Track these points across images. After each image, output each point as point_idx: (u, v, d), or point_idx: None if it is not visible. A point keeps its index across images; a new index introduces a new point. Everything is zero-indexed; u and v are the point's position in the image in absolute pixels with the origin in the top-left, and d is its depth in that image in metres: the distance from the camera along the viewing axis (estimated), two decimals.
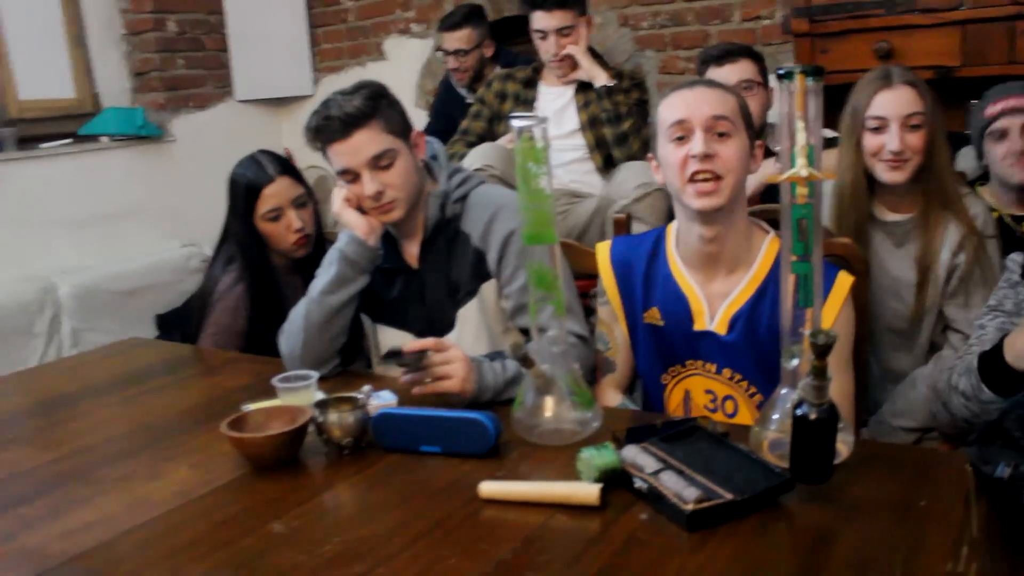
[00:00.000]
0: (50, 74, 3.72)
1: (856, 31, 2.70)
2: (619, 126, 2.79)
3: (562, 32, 2.79)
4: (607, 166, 2.86)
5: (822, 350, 1.05)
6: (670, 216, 1.71)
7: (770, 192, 2.40)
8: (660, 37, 3.43)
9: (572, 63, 2.84)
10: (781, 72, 1.20)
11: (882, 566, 1.00)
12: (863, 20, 2.68)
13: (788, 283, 1.23)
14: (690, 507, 1.08)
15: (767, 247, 1.58)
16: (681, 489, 1.12)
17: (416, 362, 1.50)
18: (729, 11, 3.26)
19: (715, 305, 1.59)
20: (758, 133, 2.48)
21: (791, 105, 1.19)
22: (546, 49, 2.83)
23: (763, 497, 1.12)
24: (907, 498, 1.15)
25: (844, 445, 1.22)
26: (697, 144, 1.50)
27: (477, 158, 2.66)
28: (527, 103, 2.92)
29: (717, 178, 1.50)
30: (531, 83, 2.96)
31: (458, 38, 3.36)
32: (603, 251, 1.74)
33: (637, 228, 2.44)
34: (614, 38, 3.49)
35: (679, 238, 1.63)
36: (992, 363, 1.49)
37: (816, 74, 1.19)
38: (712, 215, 1.52)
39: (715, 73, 2.44)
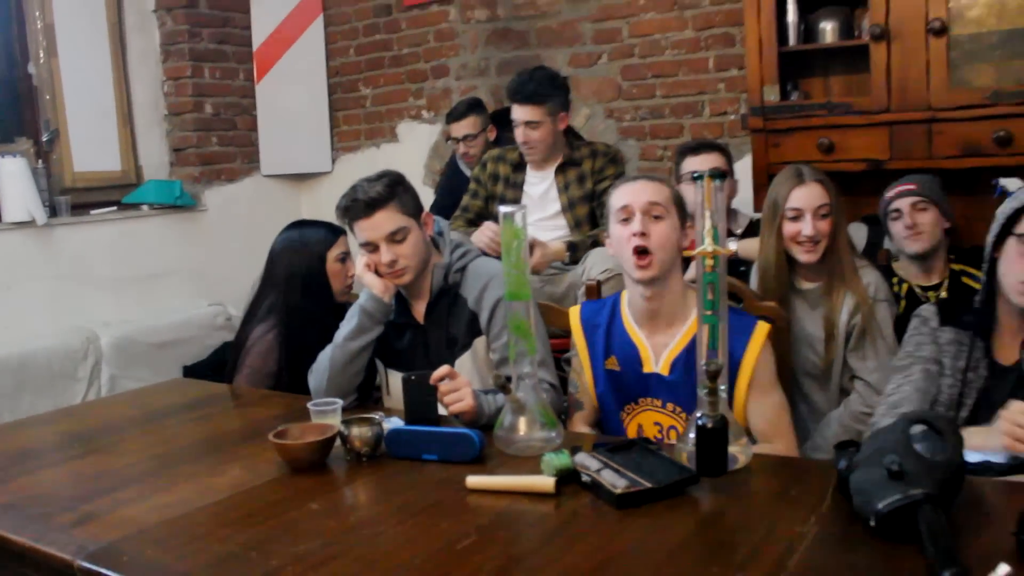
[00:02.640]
0: (101, 149, 4.14)
1: (802, 128, 3.15)
2: (594, 202, 3.09)
3: (529, 124, 3.06)
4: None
5: (713, 375, 1.46)
6: None
7: (732, 265, 2.81)
8: (641, 128, 3.86)
9: (539, 151, 3.12)
10: (695, 175, 1.62)
11: (752, 529, 1.38)
12: (808, 119, 3.14)
13: (703, 332, 1.64)
14: (619, 491, 1.47)
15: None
16: (614, 480, 1.51)
17: (428, 384, 1.87)
18: (700, 107, 3.71)
19: (659, 352, 1.99)
20: (726, 215, 2.90)
21: (702, 199, 1.61)
22: (517, 136, 3.13)
23: (674, 486, 1.50)
24: (784, 490, 1.54)
25: (742, 455, 1.61)
26: (636, 224, 1.92)
27: (599, 262, 2.84)
28: (516, 186, 3.22)
29: (650, 254, 1.91)
30: (520, 167, 3.24)
31: (464, 125, 3.74)
32: (574, 313, 2.15)
33: None
34: (601, 128, 3.93)
35: (629, 300, 2.05)
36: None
37: (720, 177, 1.61)
38: (649, 282, 1.94)
39: (691, 162, 2.85)
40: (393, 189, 2.12)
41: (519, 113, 3.09)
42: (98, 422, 2.21)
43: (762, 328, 1.95)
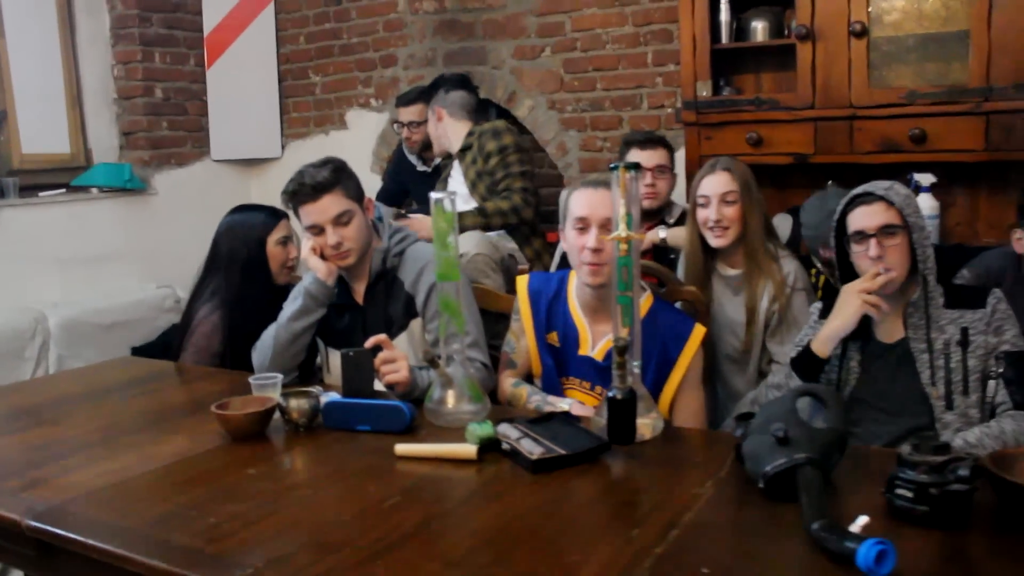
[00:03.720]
0: (50, 131, 4.16)
1: (732, 123, 3.30)
2: (507, 184, 3.25)
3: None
4: None
5: (621, 349, 1.59)
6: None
7: (659, 253, 2.96)
8: (581, 120, 3.98)
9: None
10: (612, 166, 1.75)
11: (654, 491, 1.52)
12: (738, 114, 3.28)
13: (617, 310, 1.76)
14: (534, 457, 1.60)
15: (642, 301, 2.11)
16: (531, 448, 1.63)
17: (370, 355, 1.98)
18: (639, 100, 3.84)
19: (597, 338, 2.11)
20: (662, 208, 3.05)
21: (617, 189, 1.74)
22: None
23: (586, 453, 1.63)
24: (689, 457, 1.69)
25: (648, 428, 1.74)
26: (591, 240, 2.03)
27: (463, 243, 3.02)
28: (445, 180, 3.46)
29: (602, 264, 2.03)
30: (449, 159, 3.50)
31: (411, 112, 3.82)
32: (522, 281, 2.25)
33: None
34: (542, 119, 4.05)
35: (577, 289, 2.16)
36: (803, 358, 2.04)
37: (635, 168, 1.74)
38: (600, 286, 2.06)
39: (636, 154, 2.98)
40: (338, 174, 2.23)
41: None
42: (46, 397, 2.29)
43: (699, 331, 2.09)
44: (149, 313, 4.10)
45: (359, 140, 4.56)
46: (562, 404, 2.00)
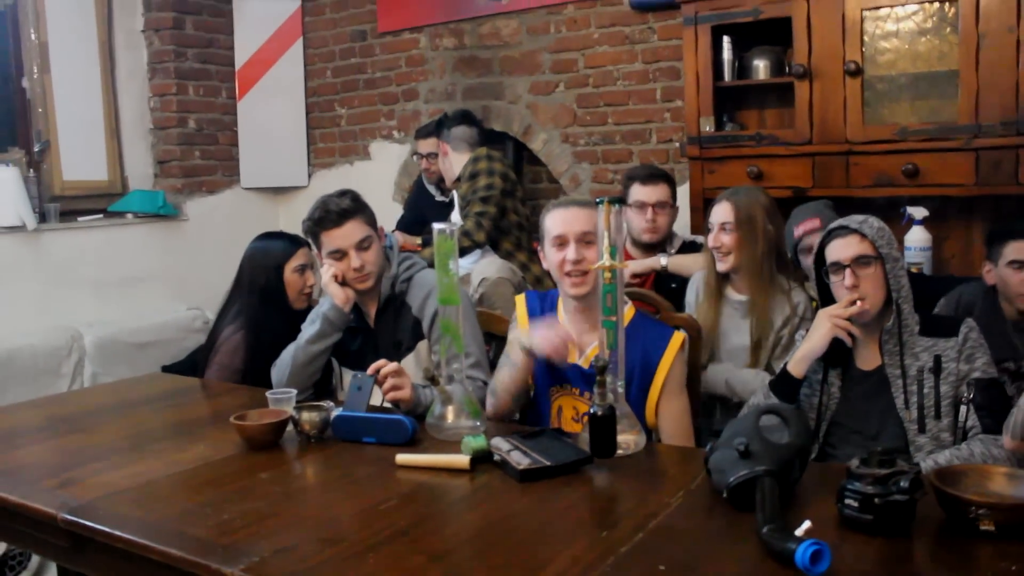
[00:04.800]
0: (89, 159, 4.39)
1: (734, 157, 3.43)
2: (468, 209, 3.54)
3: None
4: (492, 243, 3.60)
5: (601, 369, 1.74)
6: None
7: (660, 280, 3.10)
8: (593, 153, 4.14)
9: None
10: (598, 201, 1.90)
11: (628, 499, 1.66)
12: (739, 149, 3.42)
13: (602, 333, 1.91)
14: (521, 467, 1.74)
15: (625, 311, 2.25)
16: (519, 459, 1.78)
17: (371, 380, 2.14)
18: (648, 135, 3.99)
19: (584, 348, 2.25)
20: (666, 240, 3.20)
21: (602, 220, 1.89)
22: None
23: (570, 465, 1.77)
24: (664, 470, 1.82)
25: (633, 443, 1.88)
26: (571, 253, 2.18)
27: (478, 274, 3.37)
28: (449, 205, 3.73)
29: (585, 273, 2.18)
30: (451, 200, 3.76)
31: (429, 144, 4.05)
32: (520, 299, 2.39)
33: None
34: (556, 152, 4.21)
35: (564, 303, 2.31)
36: (780, 379, 2.17)
37: (619, 202, 1.89)
38: (582, 297, 2.21)
39: (639, 189, 3.14)
40: (359, 203, 2.41)
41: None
42: (80, 408, 2.47)
43: (677, 337, 2.22)
44: (179, 333, 4.29)
45: (382, 170, 4.75)
46: (521, 343, 2.14)
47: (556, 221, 2.22)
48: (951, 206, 3.29)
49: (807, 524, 1.41)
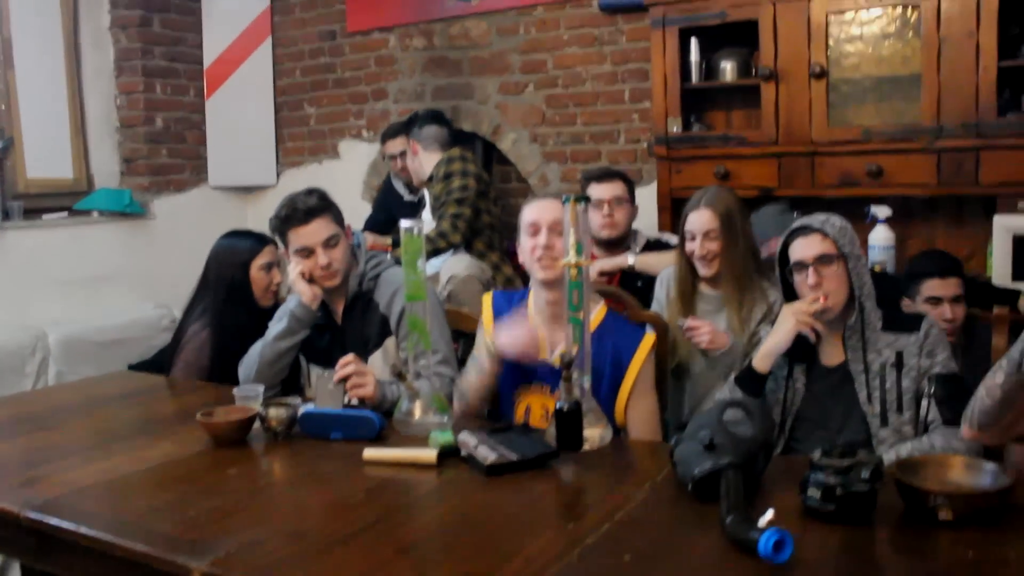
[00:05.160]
0: (54, 157, 4.34)
1: (701, 157, 3.47)
2: (443, 210, 3.55)
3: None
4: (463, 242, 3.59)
5: (567, 364, 1.75)
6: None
7: (627, 278, 3.12)
8: (562, 152, 4.16)
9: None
10: (564, 199, 1.91)
11: (594, 492, 1.67)
12: (706, 149, 3.46)
13: (569, 329, 1.92)
14: (488, 462, 1.75)
15: (597, 311, 2.26)
16: (486, 453, 1.78)
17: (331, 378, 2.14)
18: (616, 135, 4.02)
19: (555, 346, 2.25)
20: (624, 238, 3.22)
21: (568, 218, 1.90)
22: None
23: (537, 459, 1.78)
24: (632, 464, 1.84)
25: (598, 437, 1.89)
26: (543, 238, 2.20)
27: (447, 270, 3.36)
28: (418, 204, 3.76)
29: (554, 259, 2.20)
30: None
31: (396, 144, 4.03)
32: (487, 299, 2.40)
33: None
34: (525, 152, 4.23)
35: (535, 300, 2.32)
36: (745, 375, 2.20)
37: (584, 200, 1.91)
38: (552, 284, 2.22)
39: (595, 188, 3.15)
40: (326, 201, 2.41)
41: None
42: (45, 406, 2.44)
43: (648, 339, 2.24)
44: (145, 332, 4.25)
45: (351, 169, 4.74)
46: (487, 347, 2.16)
47: (531, 211, 2.24)
48: (914, 206, 3.35)
49: (770, 514, 1.43)
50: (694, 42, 3.49)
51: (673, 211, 3.48)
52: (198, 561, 1.37)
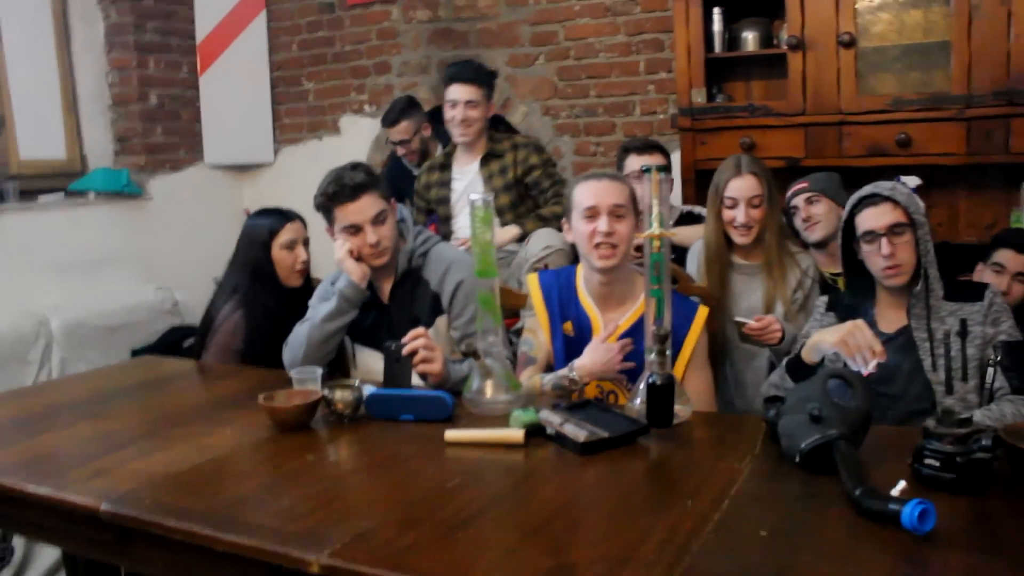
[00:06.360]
0: (46, 137, 4.16)
1: (726, 128, 3.43)
2: (515, 192, 3.37)
3: (469, 104, 3.33)
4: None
5: (662, 339, 1.70)
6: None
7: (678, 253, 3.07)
8: (575, 125, 4.09)
9: (475, 130, 3.38)
10: (644, 168, 1.86)
11: (697, 468, 1.63)
12: (731, 120, 3.42)
13: (650, 303, 1.87)
14: (582, 440, 1.70)
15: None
16: (576, 432, 1.73)
17: (400, 350, 2.07)
18: (631, 107, 3.96)
19: (609, 325, 2.22)
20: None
21: (650, 189, 1.85)
22: (453, 116, 3.36)
23: (628, 436, 1.74)
24: (720, 438, 1.80)
25: (684, 411, 1.85)
26: (603, 224, 2.14)
27: (539, 240, 3.13)
28: (444, 184, 3.49)
29: (614, 247, 2.15)
30: (445, 166, 3.51)
31: (399, 131, 3.85)
32: (534, 279, 2.35)
33: None
34: (537, 125, 4.15)
35: (585, 279, 2.27)
36: (794, 362, 2.16)
37: (666, 170, 1.85)
38: (610, 270, 2.17)
39: (634, 160, 3.09)
40: (372, 176, 2.32)
41: (461, 92, 3.34)
42: (81, 395, 2.33)
43: (703, 312, 2.21)
44: (148, 316, 4.12)
45: (353, 145, 4.61)
46: (566, 371, 2.10)
47: (587, 193, 2.18)
48: (937, 175, 3.33)
49: (902, 484, 1.40)
50: (716, 12, 3.44)
51: (697, 183, 3.43)
52: (315, 554, 1.30)
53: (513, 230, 3.25)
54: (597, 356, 2.08)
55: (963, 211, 3.41)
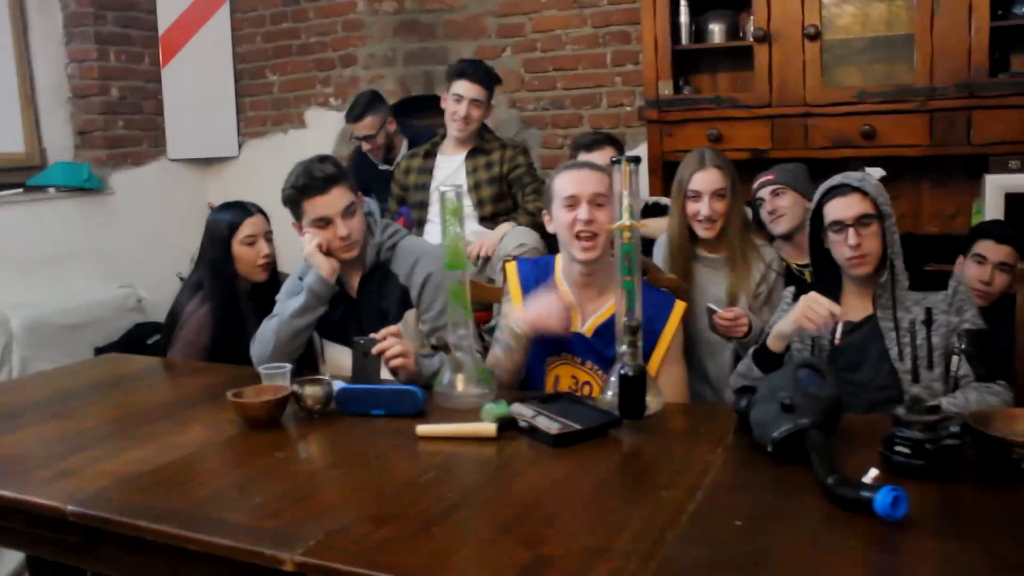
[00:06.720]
0: (3, 130, 4.07)
1: (693, 120, 3.45)
2: (499, 187, 3.39)
3: (475, 103, 3.36)
4: (490, 219, 3.42)
5: (633, 329, 1.70)
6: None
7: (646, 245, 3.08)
8: (542, 118, 4.09)
9: (472, 128, 3.41)
10: (615, 160, 1.85)
11: (670, 459, 1.63)
12: (698, 112, 3.44)
13: (621, 295, 1.87)
14: (554, 432, 1.69)
15: None
16: (548, 424, 1.73)
17: (370, 346, 2.05)
18: (598, 99, 3.97)
19: (587, 316, 2.21)
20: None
21: (620, 181, 1.85)
22: (456, 111, 3.37)
23: (600, 428, 1.74)
24: (692, 429, 1.81)
25: (655, 402, 1.86)
26: (583, 212, 2.13)
27: (514, 238, 3.13)
28: (425, 171, 3.49)
29: (594, 236, 2.14)
30: (430, 154, 3.51)
31: (364, 126, 3.83)
32: (512, 267, 2.34)
33: None
34: (504, 117, 4.13)
35: (565, 269, 2.26)
36: (760, 352, 2.18)
37: (636, 162, 1.85)
38: (591, 261, 2.16)
39: (585, 157, 3.09)
40: (341, 169, 2.30)
41: (469, 90, 3.36)
42: (42, 395, 2.27)
43: (679, 307, 2.21)
44: (111, 313, 4.05)
45: (319, 139, 4.55)
46: (513, 319, 2.11)
47: (568, 182, 2.17)
48: (901, 167, 3.38)
49: (874, 472, 1.41)
50: (683, 4, 3.45)
51: (664, 175, 3.44)
52: (288, 552, 1.28)
53: (506, 228, 3.24)
54: (544, 304, 2.08)
55: (926, 202, 3.46)
